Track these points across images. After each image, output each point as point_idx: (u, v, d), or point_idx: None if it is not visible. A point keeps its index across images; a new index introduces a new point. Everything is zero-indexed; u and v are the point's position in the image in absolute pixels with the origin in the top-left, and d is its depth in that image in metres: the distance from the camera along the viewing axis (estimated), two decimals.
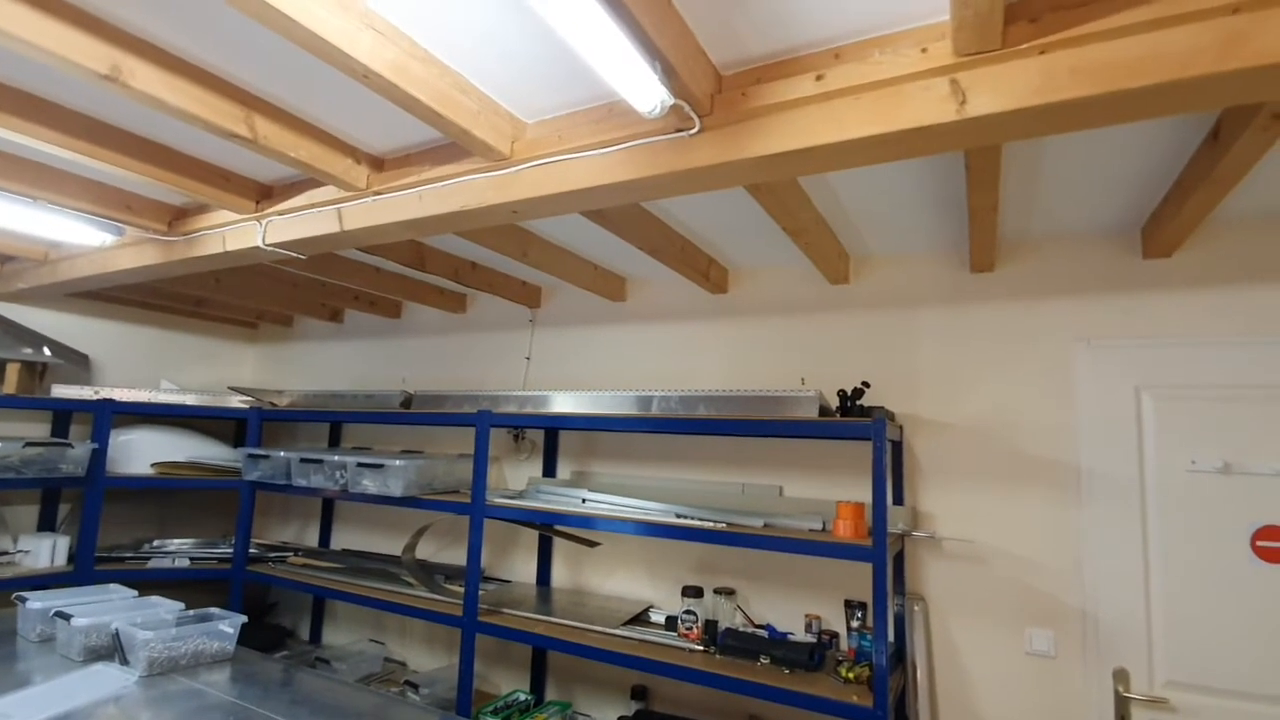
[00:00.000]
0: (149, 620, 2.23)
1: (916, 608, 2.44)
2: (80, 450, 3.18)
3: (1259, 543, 2.07)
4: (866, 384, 2.42)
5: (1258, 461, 2.08)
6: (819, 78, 1.40)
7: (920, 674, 2.37)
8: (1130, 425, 2.25)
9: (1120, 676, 2.16)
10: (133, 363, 3.98)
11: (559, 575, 3.18)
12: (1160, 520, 2.19)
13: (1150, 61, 1.16)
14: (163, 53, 1.55)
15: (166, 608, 2.38)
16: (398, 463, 2.86)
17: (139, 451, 3.49)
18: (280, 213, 2.22)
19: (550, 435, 3.28)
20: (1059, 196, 2.09)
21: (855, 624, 2.38)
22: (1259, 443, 2.09)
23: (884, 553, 2.02)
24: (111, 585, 2.62)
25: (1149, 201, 2.10)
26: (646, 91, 1.33)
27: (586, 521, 2.52)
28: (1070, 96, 1.21)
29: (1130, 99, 1.20)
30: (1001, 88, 1.25)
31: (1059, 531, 2.31)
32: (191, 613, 2.34)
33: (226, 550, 3.53)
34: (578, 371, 3.33)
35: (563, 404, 2.84)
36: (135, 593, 2.56)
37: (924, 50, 1.30)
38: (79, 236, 2.56)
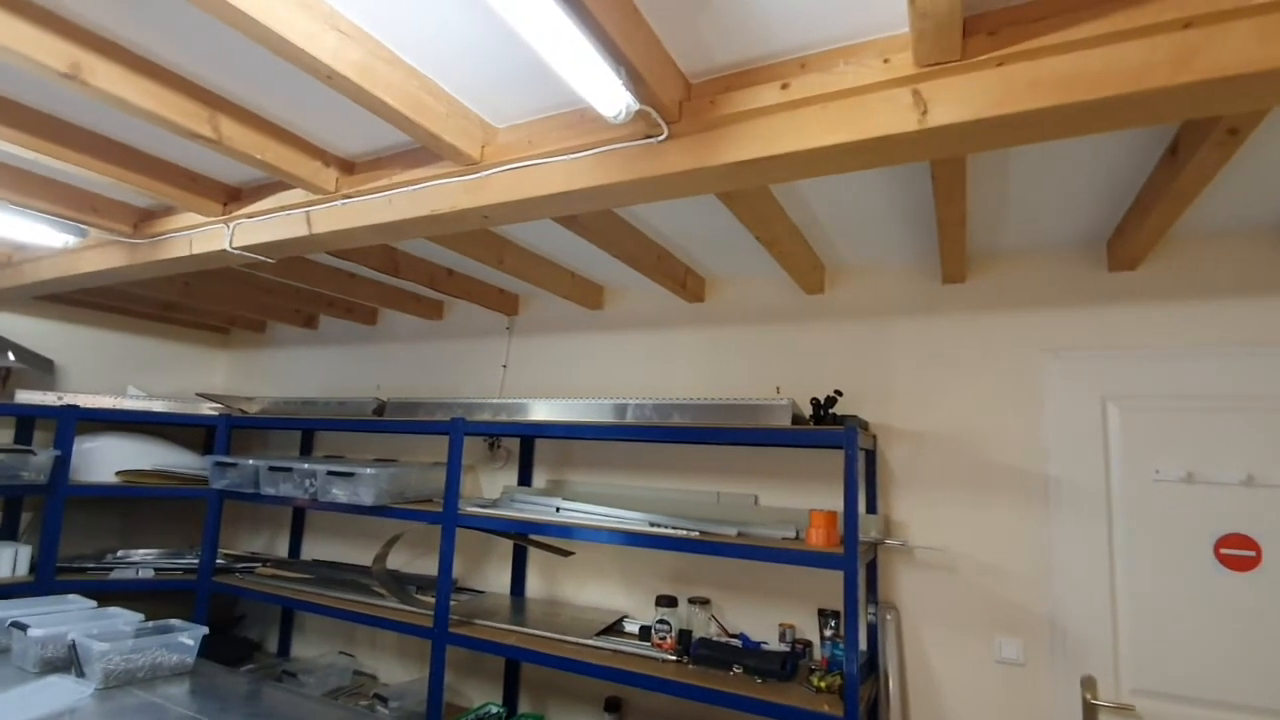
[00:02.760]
0: (106, 632, 2.18)
1: (889, 616, 2.44)
2: (43, 457, 3.10)
3: (1222, 551, 2.10)
4: (839, 392, 2.43)
5: (1220, 471, 2.12)
6: (785, 86, 1.41)
7: (892, 683, 2.37)
8: (1097, 435, 2.28)
9: (1088, 684, 2.17)
10: (99, 368, 3.90)
11: (534, 585, 3.14)
12: (1126, 529, 2.21)
13: (1106, 75, 1.18)
14: (124, 51, 1.53)
15: (125, 619, 2.32)
16: (368, 471, 2.82)
17: (103, 459, 3.41)
18: (248, 215, 2.19)
19: (526, 443, 3.25)
20: (1026, 210, 2.12)
21: (829, 633, 2.37)
22: (1221, 452, 2.12)
23: (855, 561, 2.02)
24: (70, 596, 2.56)
25: (1114, 215, 2.14)
26: (611, 97, 1.33)
27: (560, 530, 2.50)
28: (1029, 108, 1.23)
29: (1087, 111, 1.23)
30: (962, 98, 1.27)
31: (1028, 540, 2.32)
32: (150, 624, 2.29)
33: (192, 561, 3.45)
34: (555, 379, 3.31)
35: (537, 412, 2.82)
36: (94, 603, 2.50)
37: (886, 61, 1.32)
38: (42, 238, 2.51)
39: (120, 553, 3.46)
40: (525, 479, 3.22)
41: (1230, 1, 1.10)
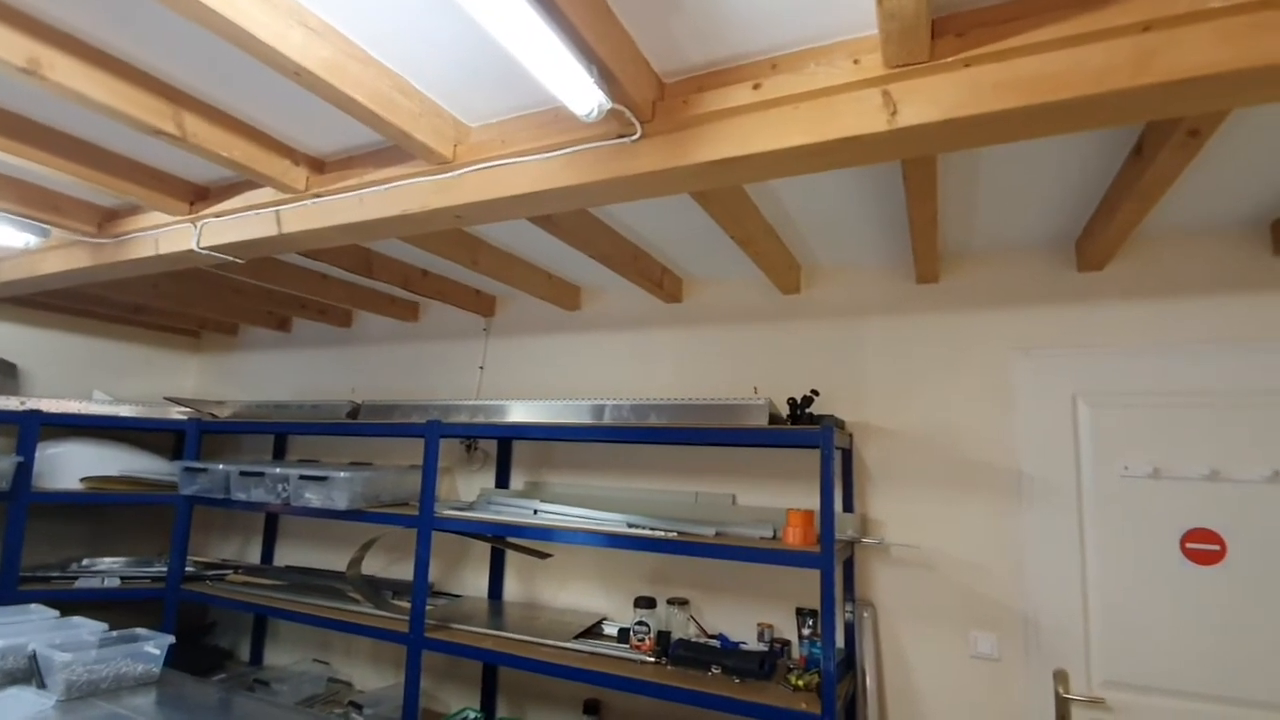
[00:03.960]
0: (69, 642, 2.12)
1: (866, 614, 2.46)
2: (4, 464, 3.01)
3: (1188, 545, 2.14)
4: (815, 392, 2.45)
5: (1185, 466, 2.16)
6: (757, 87, 1.42)
7: (869, 679, 2.39)
8: (1067, 432, 2.32)
9: (1060, 678, 2.20)
10: (65, 372, 3.80)
11: (511, 589, 3.12)
12: (1096, 525, 2.25)
13: (1069, 76, 1.20)
14: (84, 45, 1.49)
15: (89, 629, 2.26)
16: (342, 475, 2.78)
17: (68, 465, 3.32)
18: (216, 215, 2.15)
19: (503, 445, 3.23)
20: (997, 210, 2.15)
21: (806, 631, 2.39)
22: (1186, 448, 2.17)
23: (831, 559, 2.03)
24: (32, 606, 2.48)
25: (1082, 215, 2.18)
26: (583, 95, 1.33)
27: (538, 533, 2.48)
28: (995, 109, 1.24)
29: (1052, 112, 1.24)
30: (930, 99, 1.28)
31: (1001, 536, 2.35)
32: (115, 634, 2.23)
33: (161, 569, 3.37)
34: (533, 381, 3.30)
35: (514, 414, 2.80)
36: (57, 613, 2.43)
37: (856, 62, 1.33)
38: (1, 238, 2.44)
39: (85, 561, 3.37)
40: (503, 481, 3.20)
41: (1187, 5, 1.13)
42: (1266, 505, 2.07)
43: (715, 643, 2.46)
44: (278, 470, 2.94)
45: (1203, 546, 2.13)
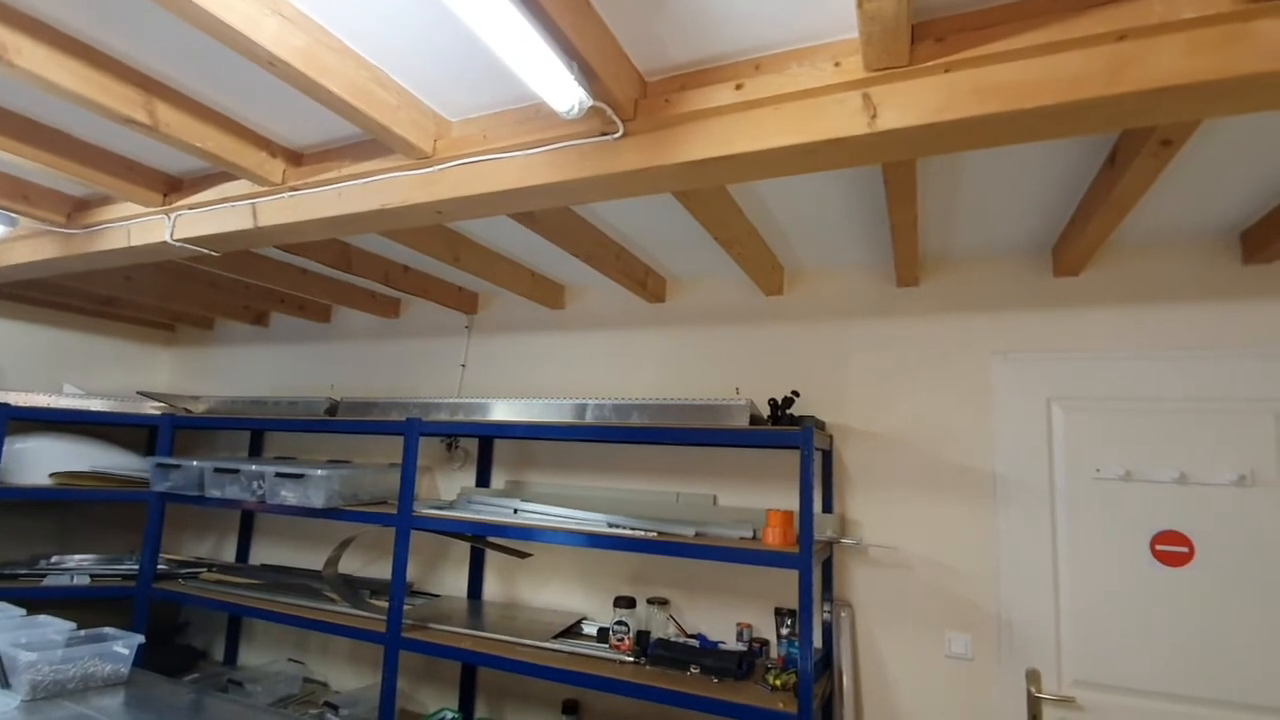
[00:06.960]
0: (35, 641, 2.07)
1: (843, 614, 2.47)
2: None
3: (1157, 547, 2.18)
4: (796, 393, 2.46)
5: (1155, 469, 2.20)
6: (739, 87, 1.42)
7: (846, 679, 2.40)
8: (1042, 435, 2.35)
9: (1032, 677, 2.23)
10: (34, 365, 3.72)
11: (491, 588, 3.10)
12: (1068, 526, 2.28)
13: (1045, 84, 1.21)
14: (53, 31, 1.46)
15: (55, 627, 2.21)
16: (319, 472, 2.74)
17: (37, 460, 3.24)
18: (190, 206, 2.11)
19: (484, 444, 3.21)
20: (976, 215, 2.17)
21: (785, 631, 2.40)
22: (1156, 452, 2.21)
23: (809, 560, 2.04)
24: None
25: (1059, 222, 2.20)
26: (563, 91, 1.32)
27: (518, 532, 2.46)
28: (972, 114, 1.25)
29: (1028, 119, 1.26)
30: (910, 103, 1.29)
31: (977, 537, 2.38)
32: (83, 633, 2.18)
33: (132, 567, 3.31)
34: (515, 380, 3.28)
35: (495, 412, 2.78)
36: (23, 611, 2.37)
37: (838, 64, 1.33)
38: None
39: (54, 558, 3.30)
40: (484, 480, 3.18)
41: (1160, 16, 1.14)
42: (1234, 509, 2.11)
43: (694, 642, 2.46)
44: (253, 467, 2.90)
45: (1172, 548, 2.17)
